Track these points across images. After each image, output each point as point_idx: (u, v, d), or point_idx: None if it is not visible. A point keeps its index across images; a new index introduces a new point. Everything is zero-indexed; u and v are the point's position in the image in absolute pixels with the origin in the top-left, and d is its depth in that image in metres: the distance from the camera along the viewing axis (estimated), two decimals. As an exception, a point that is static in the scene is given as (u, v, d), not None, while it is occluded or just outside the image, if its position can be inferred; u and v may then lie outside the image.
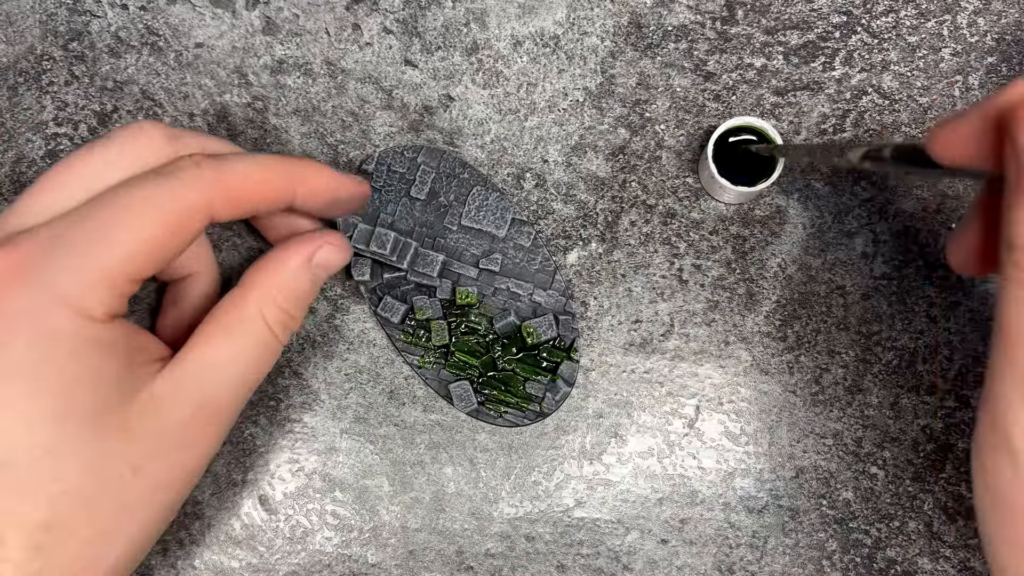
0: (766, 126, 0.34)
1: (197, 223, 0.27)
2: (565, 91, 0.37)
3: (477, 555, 0.36)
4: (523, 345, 0.36)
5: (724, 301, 0.37)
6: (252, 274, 0.30)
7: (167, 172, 0.26)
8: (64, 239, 0.25)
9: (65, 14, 0.38)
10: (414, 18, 0.38)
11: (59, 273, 0.24)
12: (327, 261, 0.31)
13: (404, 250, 0.35)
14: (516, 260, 0.36)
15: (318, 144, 0.38)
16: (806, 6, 0.37)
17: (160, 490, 0.27)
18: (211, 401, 0.27)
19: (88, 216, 0.25)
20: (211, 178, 0.27)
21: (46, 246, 0.25)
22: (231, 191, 0.27)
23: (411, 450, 0.37)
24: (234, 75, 0.38)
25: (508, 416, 0.36)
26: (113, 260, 0.25)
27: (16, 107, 0.38)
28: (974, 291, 0.36)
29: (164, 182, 0.26)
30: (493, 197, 0.36)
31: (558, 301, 0.36)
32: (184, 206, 0.26)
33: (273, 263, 0.30)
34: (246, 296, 0.29)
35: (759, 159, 0.35)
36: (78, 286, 0.24)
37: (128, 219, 0.25)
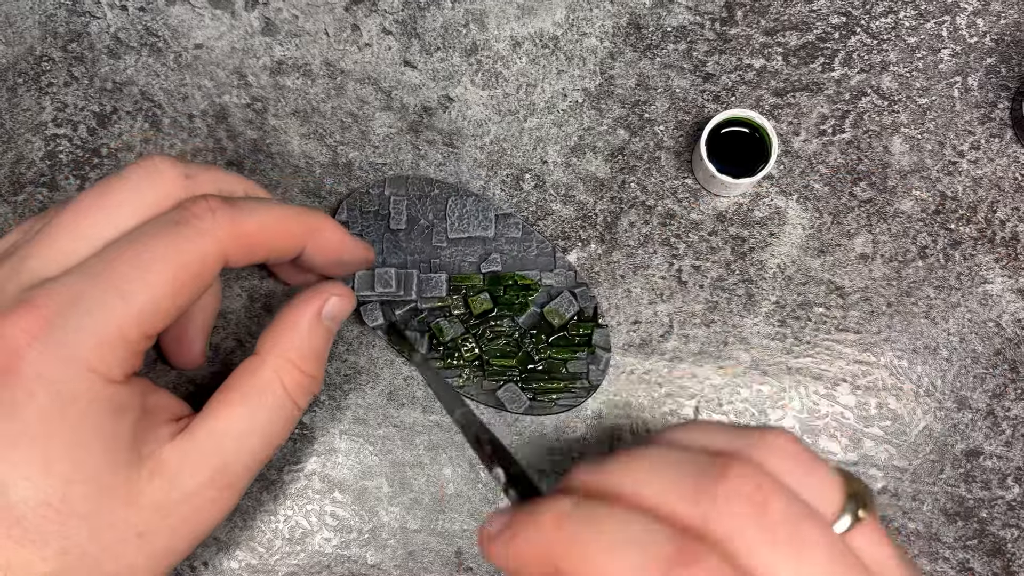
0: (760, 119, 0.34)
1: (212, 271, 0.27)
2: (564, 92, 0.37)
3: (476, 556, 0.36)
4: (551, 330, 0.36)
5: (723, 302, 0.37)
6: (266, 339, 0.29)
7: (182, 220, 0.26)
8: (81, 298, 0.24)
9: (64, 15, 0.38)
10: (413, 19, 0.38)
11: (76, 334, 0.24)
12: (337, 311, 0.31)
13: (408, 281, 0.35)
14: (514, 253, 0.36)
15: (317, 145, 0.38)
16: (805, 7, 0.37)
17: (165, 554, 0.27)
18: (226, 471, 0.27)
19: (104, 272, 0.25)
20: (226, 226, 0.26)
21: (63, 304, 0.24)
22: (245, 239, 0.27)
23: (410, 451, 0.37)
24: (233, 76, 0.38)
25: (561, 401, 0.36)
26: (130, 318, 0.25)
27: (15, 108, 0.38)
28: (974, 292, 0.36)
29: (180, 232, 0.26)
30: (470, 202, 0.36)
31: (567, 277, 0.36)
32: (200, 256, 0.26)
33: (285, 325, 0.29)
34: (263, 362, 0.28)
35: (752, 152, 0.35)
36: (95, 347, 0.24)
37: (144, 274, 0.25)
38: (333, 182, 0.37)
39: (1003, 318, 0.36)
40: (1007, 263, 0.36)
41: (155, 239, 0.26)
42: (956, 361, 0.36)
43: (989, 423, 0.36)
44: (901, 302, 0.37)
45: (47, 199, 0.37)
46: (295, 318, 0.29)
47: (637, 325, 0.37)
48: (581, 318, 0.36)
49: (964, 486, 0.36)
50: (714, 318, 0.37)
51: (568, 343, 0.36)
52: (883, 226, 0.37)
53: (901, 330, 0.36)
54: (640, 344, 0.37)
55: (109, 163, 0.38)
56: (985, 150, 0.37)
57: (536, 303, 0.36)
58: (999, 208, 0.37)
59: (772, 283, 0.37)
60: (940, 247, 0.37)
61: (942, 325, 0.36)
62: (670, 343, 0.37)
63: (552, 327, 0.36)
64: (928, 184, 0.37)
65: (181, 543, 0.27)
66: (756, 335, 0.37)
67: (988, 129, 0.37)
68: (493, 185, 0.37)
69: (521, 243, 0.36)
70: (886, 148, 0.37)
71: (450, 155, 0.37)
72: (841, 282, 0.37)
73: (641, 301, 0.37)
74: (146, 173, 0.28)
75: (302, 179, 0.37)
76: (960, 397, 0.36)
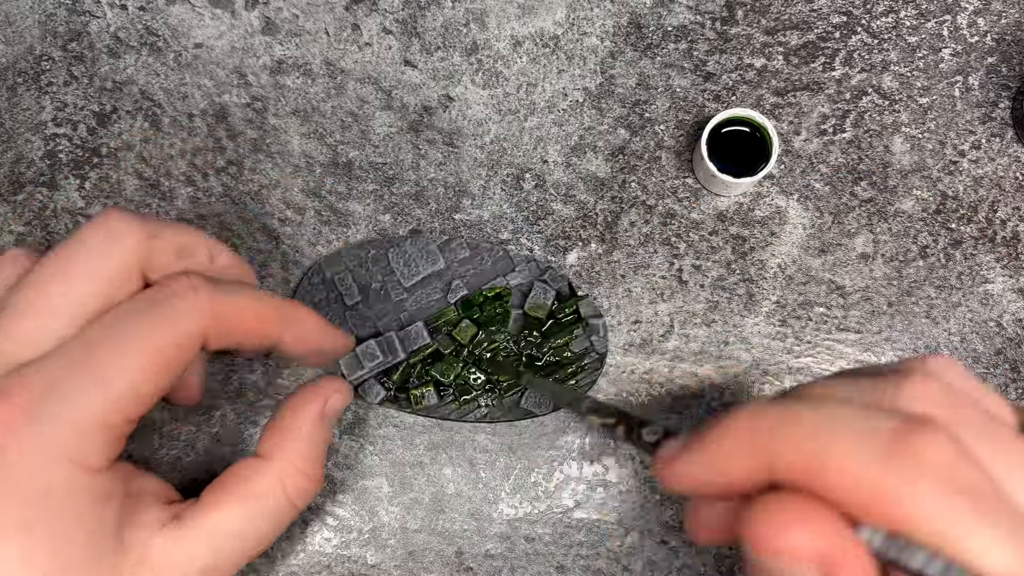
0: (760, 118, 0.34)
1: (192, 351, 0.26)
2: (565, 91, 0.37)
3: (477, 556, 0.36)
4: (540, 324, 0.36)
5: (724, 302, 0.37)
6: (269, 441, 0.28)
7: (162, 299, 0.25)
8: (58, 385, 0.24)
9: (64, 14, 0.38)
10: (413, 18, 0.38)
11: (54, 424, 0.23)
12: (338, 409, 0.30)
13: (390, 345, 0.36)
14: (472, 271, 0.36)
15: (317, 144, 0.37)
16: (806, 6, 0.37)
17: None
18: (215, 570, 0.26)
19: (81, 357, 0.24)
20: (207, 307, 0.26)
21: (40, 393, 0.23)
22: (225, 321, 0.26)
23: (410, 451, 0.37)
24: (233, 75, 0.38)
25: (582, 381, 0.36)
26: (110, 405, 0.24)
27: (15, 107, 0.38)
28: (975, 291, 0.36)
29: (159, 312, 0.25)
30: (408, 246, 0.36)
31: (532, 269, 0.36)
32: (180, 337, 0.25)
33: (288, 427, 0.29)
34: (266, 466, 0.28)
35: (753, 152, 0.35)
36: (74, 437, 0.24)
37: (123, 359, 0.24)
38: (333, 181, 0.37)
39: (1004, 318, 0.36)
40: (1008, 263, 0.36)
41: (134, 321, 0.25)
42: (957, 361, 0.36)
43: (990, 423, 0.36)
44: (902, 302, 0.36)
45: (47, 199, 0.37)
46: (298, 420, 0.29)
47: (638, 325, 0.37)
48: (561, 299, 0.36)
49: (965, 486, 0.36)
50: (715, 318, 0.37)
51: (561, 327, 0.36)
52: (884, 226, 0.37)
53: (902, 330, 0.36)
54: (641, 344, 0.37)
55: (109, 162, 0.38)
56: (986, 149, 0.37)
57: (515, 306, 0.36)
58: (1000, 208, 0.37)
59: (773, 283, 0.37)
60: (941, 247, 0.37)
61: (943, 325, 0.36)
62: (671, 343, 0.37)
63: (540, 320, 0.36)
64: (929, 184, 0.37)
65: None
66: (757, 335, 0.37)
67: (989, 128, 0.37)
68: (493, 185, 0.37)
69: (473, 260, 0.36)
70: (887, 148, 0.37)
71: (450, 155, 0.37)
72: (842, 282, 0.37)
73: (642, 301, 0.37)
74: (105, 236, 0.26)
75: (302, 179, 0.37)
76: (961, 397, 0.36)
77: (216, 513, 0.26)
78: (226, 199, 0.38)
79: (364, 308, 0.36)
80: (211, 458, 0.37)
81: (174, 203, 0.37)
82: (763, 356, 0.36)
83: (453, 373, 0.35)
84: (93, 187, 0.37)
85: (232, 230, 0.37)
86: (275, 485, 0.27)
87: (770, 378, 0.36)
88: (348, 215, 0.37)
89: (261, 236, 0.37)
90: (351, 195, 0.37)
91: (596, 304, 0.36)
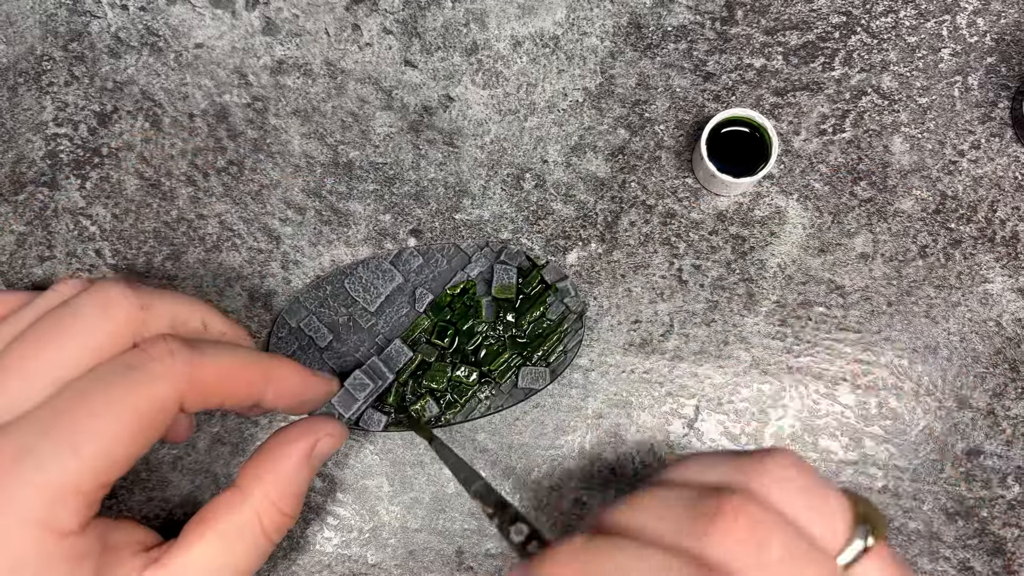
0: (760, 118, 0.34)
1: (169, 416, 0.26)
2: (565, 91, 0.37)
3: (477, 555, 0.36)
4: (512, 303, 0.36)
5: (724, 301, 0.37)
6: (249, 472, 0.28)
7: (138, 364, 0.25)
8: (30, 452, 0.23)
9: (65, 15, 0.38)
10: (414, 19, 0.38)
11: (25, 490, 0.23)
12: (328, 451, 0.30)
13: (376, 370, 0.36)
14: (431, 276, 0.36)
15: (318, 144, 0.38)
16: (805, 6, 0.37)
17: None
18: None
19: (55, 423, 0.24)
20: (184, 370, 0.25)
21: (11, 460, 0.23)
22: (202, 386, 0.26)
23: (411, 450, 0.37)
24: (234, 75, 0.38)
25: (569, 345, 0.36)
26: (84, 472, 0.24)
27: (16, 107, 0.38)
28: (974, 291, 0.36)
29: (135, 377, 0.25)
30: (360, 271, 0.36)
31: (487, 255, 0.36)
32: (156, 403, 0.25)
33: (271, 462, 0.28)
34: (244, 500, 0.28)
35: (752, 152, 0.35)
36: (46, 504, 0.23)
37: (97, 424, 0.24)
38: (334, 181, 0.37)
39: (1003, 317, 0.36)
40: (1007, 262, 0.36)
41: (108, 386, 0.24)
42: (956, 360, 0.36)
43: (989, 422, 0.36)
44: (901, 301, 0.37)
45: (48, 198, 0.37)
46: (283, 457, 0.28)
47: (638, 324, 0.37)
48: (523, 274, 0.36)
49: (964, 485, 0.36)
50: (714, 317, 0.37)
51: (532, 300, 0.36)
52: (883, 225, 0.37)
53: (901, 329, 0.36)
54: (641, 343, 0.37)
55: (110, 162, 0.38)
56: (985, 149, 0.37)
57: (483, 294, 0.36)
58: (999, 207, 0.37)
59: (772, 282, 0.37)
60: (940, 246, 0.37)
61: (942, 324, 0.36)
62: (671, 342, 0.37)
63: (511, 300, 0.36)
64: (928, 183, 0.37)
65: None
66: (756, 334, 0.37)
67: (988, 128, 0.37)
68: (494, 184, 0.37)
69: (429, 264, 0.36)
70: (886, 147, 0.37)
71: (450, 154, 0.37)
72: (841, 281, 0.37)
73: (642, 300, 0.37)
74: (99, 307, 0.26)
75: (302, 178, 0.37)
76: (960, 396, 0.36)
77: (195, 550, 0.27)
78: (227, 199, 0.38)
79: (339, 344, 0.36)
80: (211, 458, 0.37)
81: (175, 203, 0.37)
82: (763, 356, 0.37)
83: (444, 378, 0.36)
84: (94, 187, 0.37)
85: (233, 230, 0.37)
86: (252, 520, 0.27)
87: (769, 378, 0.36)
88: (348, 215, 0.37)
89: (262, 236, 0.37)
90: (351, 195, 0.37)
91: (559, 266, 0.36)
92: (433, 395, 0.36)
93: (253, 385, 0.28)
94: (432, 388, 0.36)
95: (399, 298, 0.36)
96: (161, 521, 0.36)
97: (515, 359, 0.36)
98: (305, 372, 0.30)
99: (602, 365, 0.37)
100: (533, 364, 0.36)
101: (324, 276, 0.36)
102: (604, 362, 0.37)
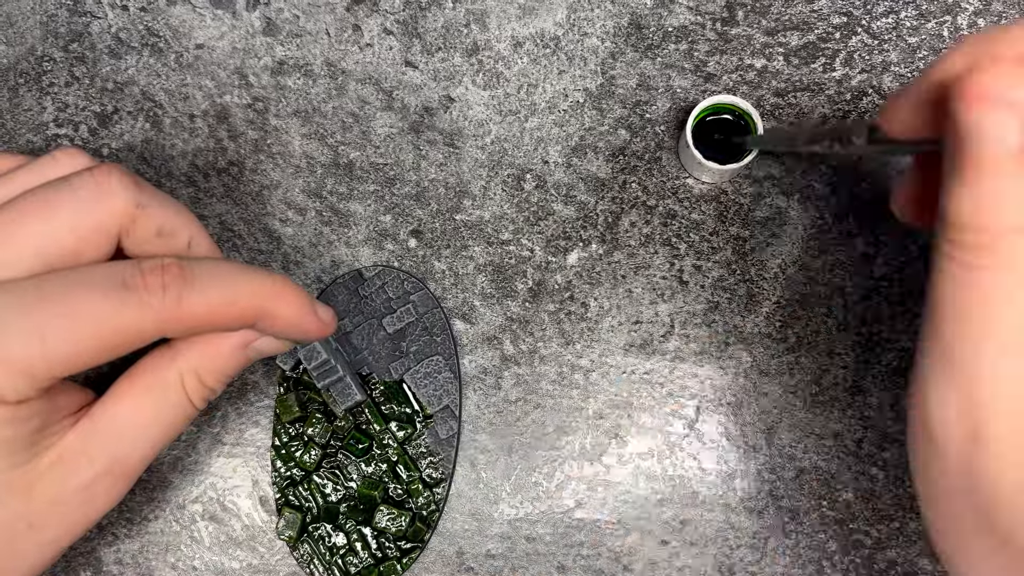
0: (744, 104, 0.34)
1: (142, 343, 0.25)
2: (565, 92, 0.37)
3: (478, 556, 0.36)
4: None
5: (724, 302, 0.37)
6: (184, 341, 0.28)
7: (132, 286, 0.24)
8: (1, 327, 0.24)
9: (65, 15, 0.38)
10: (414, 19, 0.38)
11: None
12: (266, 350, 0.30)
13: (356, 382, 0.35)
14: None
15: (318, 145, 0.38)
16: (806, 7, 0.37)
17: (54, 542, 0.27)
18: (120, 461, 0.27)
19: (34, 307, 0.24)
20: (172, 307, 0.25)
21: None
22: (188, 321, 0.25)
23: (411, 451, 0.37)
24: (234, 76, 0.38)
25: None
26: (42, 362, 0.24)
27: (17, 108, 0.38)
28: (974, 292, 0.36)
29: (124, 297, 0.24)
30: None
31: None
32: (135, 329, 0.25)
33: (209, 339, 0.28)
34: (172, 361, 0.28)
35: (737, 141, 0.35)
36: (2, 378, 0.24)
37: (72, 326, 0.24)
38: (334, 182, 0.37)
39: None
40: (1008, 263, 0.36)
41: (97, 295, 0.24)
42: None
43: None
44: (903, 302, 0.36)
45: (48, 199, 0.37)
46: (223, 339, 0.28)
47: (638, 325, 0.37)
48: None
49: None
50: (715, 318, 0.37)
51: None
52: (885, 225, 0.37)
53: (902, 330, 0.36)
54: (641, 344, 0.37)
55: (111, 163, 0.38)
56: (986, 150, 0.37)
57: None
58: (1000, 208, 0.37)
59: (773, 283, 0.37)
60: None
61: (943, 325, 0.36)
62: (671, 343, 0.37)
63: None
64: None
65: (70, 531, 0.27)
66: (757, 335, 0.37)
67: (989, 129, 0.37)
68: (494, 185, 0.37)
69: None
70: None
71: (451, 155, 0.37)
72: (842, 282, 0.37)
73: (642, 301, 0.37)
74: (97, 192, 0.26)
75: (303, 179, 0.38)
76: (961, 397, 0.36)
77: (122, 404, 0.27)
78: (227, 199, 0.38)
79: (357, 340, 0.36)
80: (211, 458, 0.37)
81: (175, 204, 0.37)
82: (764, 357, 0.37)
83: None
84: (94, 188, 0.37)
85: (233, 230, 0.37)
86: (175, 379, 0.28)
87: (770, 378, 0.36)
88: (349, 216, 0.37)
89: (262, 237, 0.37)
90: (352, 196, 0.37)
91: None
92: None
93: (246, 314, 0.27)
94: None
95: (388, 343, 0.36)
96: (162, 522, 0.37)
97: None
98: (304, 309, 0.28)
99: (603, 366, 0.37)
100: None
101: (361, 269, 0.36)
102: (605, 363, 0.37)
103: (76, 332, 0.24)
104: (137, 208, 0.27)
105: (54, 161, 0.28)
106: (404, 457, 0.35)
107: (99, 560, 0.36)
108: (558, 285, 0.37)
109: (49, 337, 0.24)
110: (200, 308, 0.25)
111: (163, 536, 0.36)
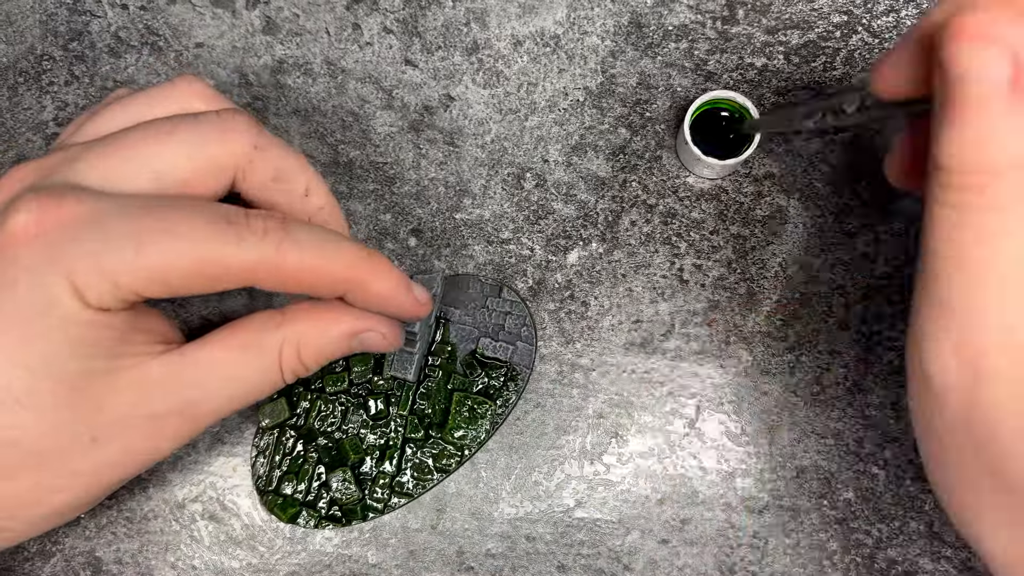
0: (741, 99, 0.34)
1: (231, 285, 0.25)
2: (566, 91, 0.37)
3: (478, 555, 0.36)
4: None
5: (725, 301, 0.37)
6: (297, 312, 0.28)
7: (235, 224, 0.25)
8: (102, 226, 0.24)
9: (65, 14, 0.38)
10: (414, 18, 0.38)
11: (79, 255, 0.24)
12: (372, 345, 0.29)
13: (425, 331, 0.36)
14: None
15: (318, 144, 0.38)
16: (807, 6, 0.37)
17: (112, 467, 0.27)
18: (194, 405, 0.27)
19: (138, 219, 0.24)
20: (268, 251, 0.25)
21: (85, 221, 0.24)
22: (279, 273, 0.26)
23: (411, 450, 0.37)
24: (234, 75, 0.38)
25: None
26: (132, 272, 0.24)
27: (16, 107, 0.38)
28: (975, 291, 0.36)
29: (225, 234, 0.25)
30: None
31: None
32: (225, 262, 0.25)
33: (321, 318, 0.28)
34: (278, 326, 0.28)
35: (736, 133, 0.35)
36: (89, 276, 0.24)
37: (171, 246, 0.24)
38: (334, 181, 0.37)
39: (1005, 317, 0.36)
40: (1009, 262, 0.36)
41: (200, 220, 0.25)
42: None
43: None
44: (903, 301, 0.36)
45: (48, 198, 0.37)
46: (334, 320, 0.28)
47: (638, 324, 0.37)
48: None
49: (966, 485, 0.36)
50: (715, 317, 0.37)
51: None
52: (885, 225, 0.37)
53: (903, 330, 0.36)
54: (641, 343, 0.37)
55: (110, 162, 0.38)
56: (987, 149, 0.37)
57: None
58: (1001, 207, 0.37)
59: (774, 282, 0.37)
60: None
61: (944, 324, 0.36)
62: (671, 342, 0.37)
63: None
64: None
65: (129, 461, 0.27)
66: (758, 334, 0.37)
67: (990, 128, 0.37)
68: (494, 184, 0.37)
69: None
70: (888, 147, 0.37)
71: (451, 154, 0.37)
72: (843, 281, 0.37)
73: (642, 300, 0.37)
74: (221, 125, 0.27)
75: (303, 178, 0.37)
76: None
77: (214, 352, 0.27)
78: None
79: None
80: (211, 457, 0.37)
81: (175, 202, 0.37)
82: (764, 356, 0.36)
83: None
84: (94, 186, 0.37)
85: (233, 229, 0.37)
86: (275, 347, 0.27)
87: (770, 378, 0.36)
88: (349, 215, 0.37)
89: (262, 235, 0.37)
90: (352, 194, 0.37)
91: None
92: None
93: (334, 287, 0.27)
94: None
95: None
96: (161, 521, 0.37)
97: None
98: (400, 287, 0.28)
99: (603, 365, 0.37)
100: None
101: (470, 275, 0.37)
102: (605, 362, 0.37)
103: (171, 249, 0.24)
104: (256, 150, 0.27)
105: (178, 92, 0.29)
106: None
107: (99, 560, 0.36)
108: (558, 284, 0.37)
109: (144, 246, 0.24)
110: (295, 262, 0.25)
111: (163, 535, 0.36)
